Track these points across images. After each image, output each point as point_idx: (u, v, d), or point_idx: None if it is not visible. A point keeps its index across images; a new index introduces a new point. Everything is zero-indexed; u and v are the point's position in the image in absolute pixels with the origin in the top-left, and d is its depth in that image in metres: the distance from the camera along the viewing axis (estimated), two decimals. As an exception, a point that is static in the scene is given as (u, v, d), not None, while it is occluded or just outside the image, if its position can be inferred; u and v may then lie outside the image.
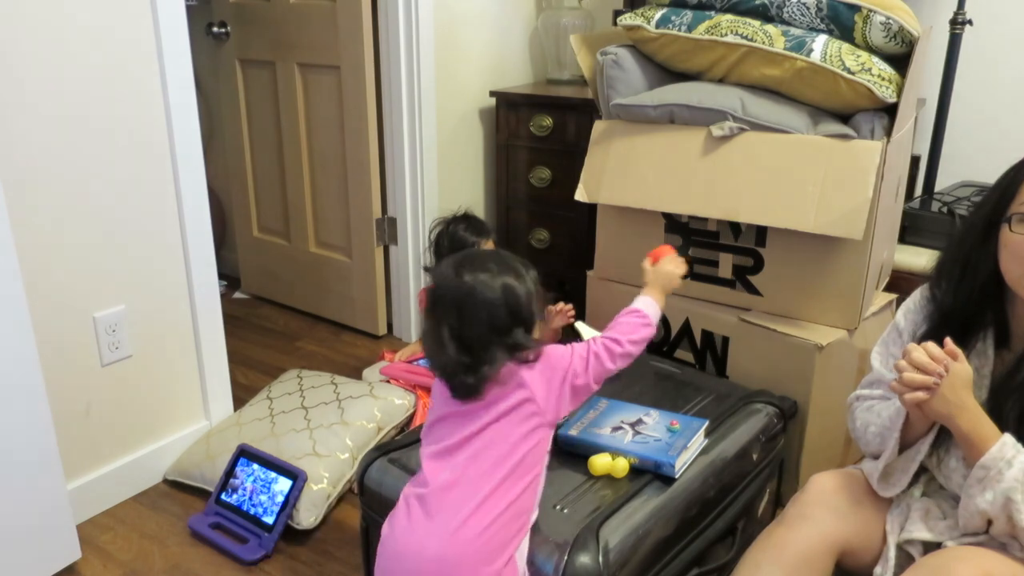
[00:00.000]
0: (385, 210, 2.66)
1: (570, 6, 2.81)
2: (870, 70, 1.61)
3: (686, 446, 1.38)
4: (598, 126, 1.90)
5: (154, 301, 1.87)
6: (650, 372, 1.77)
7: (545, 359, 1.18)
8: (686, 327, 1.88)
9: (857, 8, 1.64)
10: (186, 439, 2.00)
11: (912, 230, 2.27)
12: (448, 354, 1.13)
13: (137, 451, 1.91)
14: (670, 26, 1.78)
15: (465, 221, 1.95)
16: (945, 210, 2.28)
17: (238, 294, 3.11)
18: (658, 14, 1.80)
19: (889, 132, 1.63)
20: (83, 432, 1.78)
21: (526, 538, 1.18)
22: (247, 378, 2.43)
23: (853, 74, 1.60)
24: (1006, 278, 1.14)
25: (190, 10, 1.97)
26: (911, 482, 1.23)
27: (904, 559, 1.18)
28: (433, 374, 1.20)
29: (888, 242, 1.95)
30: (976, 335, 1.20)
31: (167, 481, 1.96)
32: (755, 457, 1.52)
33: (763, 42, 1.67)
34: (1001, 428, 1.09)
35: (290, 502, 1.72)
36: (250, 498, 1.77)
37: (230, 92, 2.87)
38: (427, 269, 2.18)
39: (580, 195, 1.87)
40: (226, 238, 3.22)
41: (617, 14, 2.25)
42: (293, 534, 1.74)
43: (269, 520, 1.72)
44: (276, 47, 2.66)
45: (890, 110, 1.64)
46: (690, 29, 1.76)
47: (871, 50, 1.66)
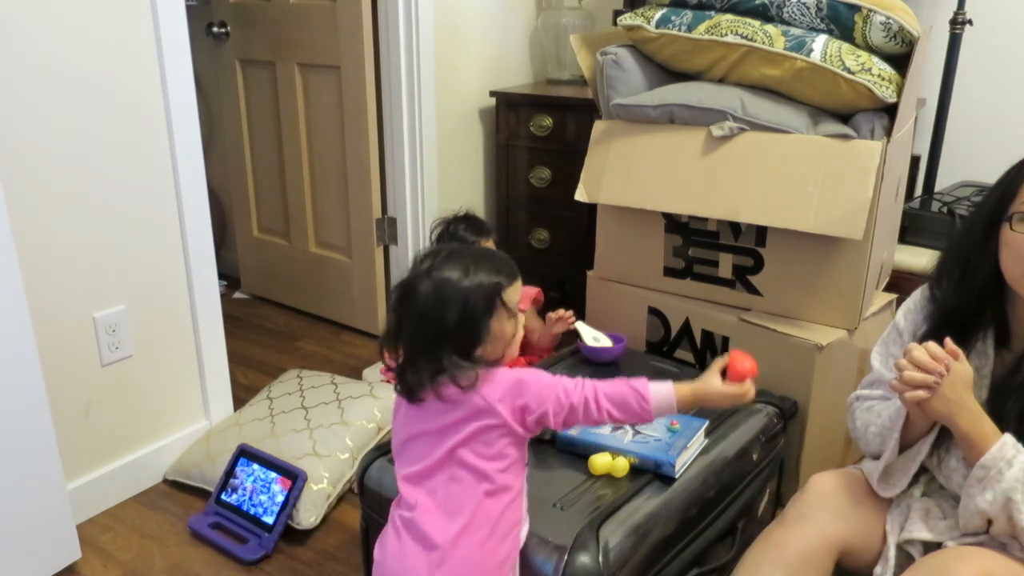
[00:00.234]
0: (385, 210, 2.66)
1: (570, 6, 2.81)
2: (870, 70, 1.61)
3: (686, 446, 1.38)
4: (598, 126, 1.90)
5: (154, 301, 1.87)
6: (650, 372, 1.76)
7: (518, 384, 1.10)
8: (686, 327, 1.88)
9: (857, 8, 1.64)
10: (186, 439, 2.00)
11: (912, 230, 2.27)
12: (390, 343, 1.11)
13: (137, 451, 1.91)
14: (670, 26, 1.78)
15: (465, 221, 1.95)
16: (945, 210, 2.28)
17: (238, 294, 3.11)
18: (658, 14, 1.80)
19: (889, 132, 1.63)
20: (83, 432, 1.78)
21: (517, 554, 1.16)
22: (247, 378, 2.43)
23: (853, 74, 1.60)
24: (1006, 277, 1.14)
25: (190, 10, 1.97)
26: (911, 482, 1.23)
27: (904, 559, 1.18)
28: None
29: (888, 242, 1.95)
30: (976, 335, 1.19)
31: (167, 481, 1.96)
32: (755, 457, 1.52)
33: (763, 42, 1.67)
34: (1001, 428, 1.09)
35: (290, 502, 1.73)
36: (250, 498, 1.77)
37: (230, 92, 2.87)
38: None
39: (580, 195, 1.87)
40: (226, 238, 3.22)
41: (617, 14, 2.25)
42: (293, 534, 1.74)
43: (269, 520, 1.72)
44: (276, 47, 2.66)
45: (890, 110, 1.64)
46: (690, 29, 1.76)
47: (871, 50, 1.66)
